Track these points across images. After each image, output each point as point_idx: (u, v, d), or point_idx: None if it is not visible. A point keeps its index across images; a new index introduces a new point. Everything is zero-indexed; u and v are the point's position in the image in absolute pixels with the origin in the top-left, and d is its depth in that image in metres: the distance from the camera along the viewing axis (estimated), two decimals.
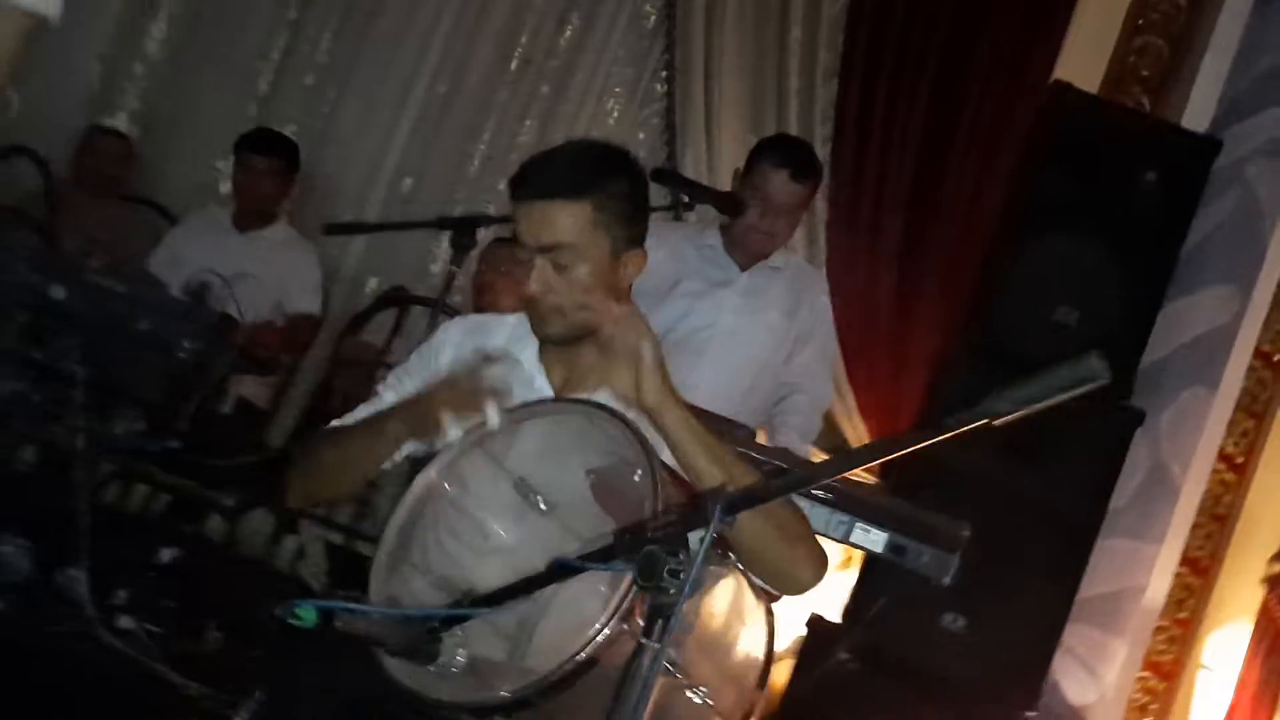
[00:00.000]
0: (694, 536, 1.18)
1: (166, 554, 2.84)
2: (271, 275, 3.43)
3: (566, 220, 1.50)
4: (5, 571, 2.47)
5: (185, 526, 3.03)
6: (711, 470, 1.42)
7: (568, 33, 4.16)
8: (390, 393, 1.64)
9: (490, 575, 1.39)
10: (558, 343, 1.58)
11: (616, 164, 1.60)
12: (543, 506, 1.44)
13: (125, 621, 2.51)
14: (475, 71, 4.12)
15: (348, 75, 4.10)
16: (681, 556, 1.11)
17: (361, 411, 1.64)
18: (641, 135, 4.18)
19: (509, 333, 1.65)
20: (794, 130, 3.98)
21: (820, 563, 1.50)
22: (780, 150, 2.88)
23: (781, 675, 3.05)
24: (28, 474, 2.71)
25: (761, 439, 2.71)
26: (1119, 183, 3.32)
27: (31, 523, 2.56)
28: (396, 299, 3.34)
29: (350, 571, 2.94)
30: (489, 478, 1.46)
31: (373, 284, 4.05)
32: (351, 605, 1.20)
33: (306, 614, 1.09)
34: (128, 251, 3.55)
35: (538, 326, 1.56)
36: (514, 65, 4.15)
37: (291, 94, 4.10)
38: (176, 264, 3.51)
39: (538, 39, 4.14)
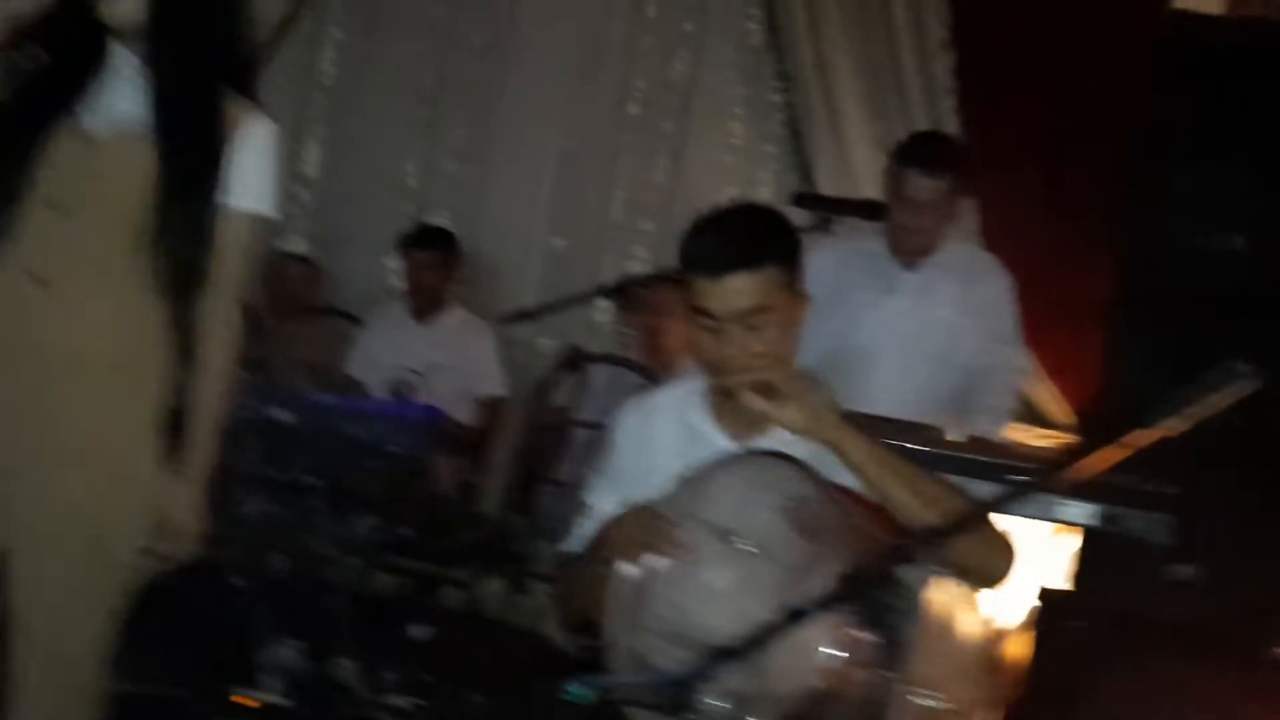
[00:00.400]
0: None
1: (419, 631, 3.11)
2: (456, 360, 3.68)
3: (753, 287, 1.60)
4: (286, 672, 2.76)
5: (430, 602, 3.29)
6: (901, 494, 1.52)
7: (677, 67, 4.31)
8: (596, 501, 1.76)
9: (717, 620, 1.52)
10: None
11: (778, 222, 1.71)
12: (751, 550, 1.57)
13: (397, 700, 2.78)
14: (598, 123, 4.31)
15: (484, 155, 4.34)
16: (900, 589, 1.23)
17: (582, 529, 1.76)
18: (769, 148, 4.29)
19: (676, 403, 1.76)
20: (918, 107, 4.01)
21: (1009, 554, 1.58)
22: (910, 148, 2.93)
23: (1022, 649, 3.09)
24: (288, 581, 3.03)
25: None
26: (1256, 98, 3.23)
27: (299, 623, 2.85)
28: (574, 361, 3.53)
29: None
30: (692, 534, 1.59)
31: (544, 343, 4.29)
32: (620, 680, 1.35)
33: (582, 693, 1.24)
34: (327, 362, 3.89)
35: (727, 383, 1.65)
36: (633, 109, 4.32)
37: (438, 184, 4.38)
38: (370, 363, 3.82)
39: (651, 80, 4.30)
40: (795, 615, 1.28)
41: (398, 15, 4.39)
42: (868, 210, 2.83)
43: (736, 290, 1.60)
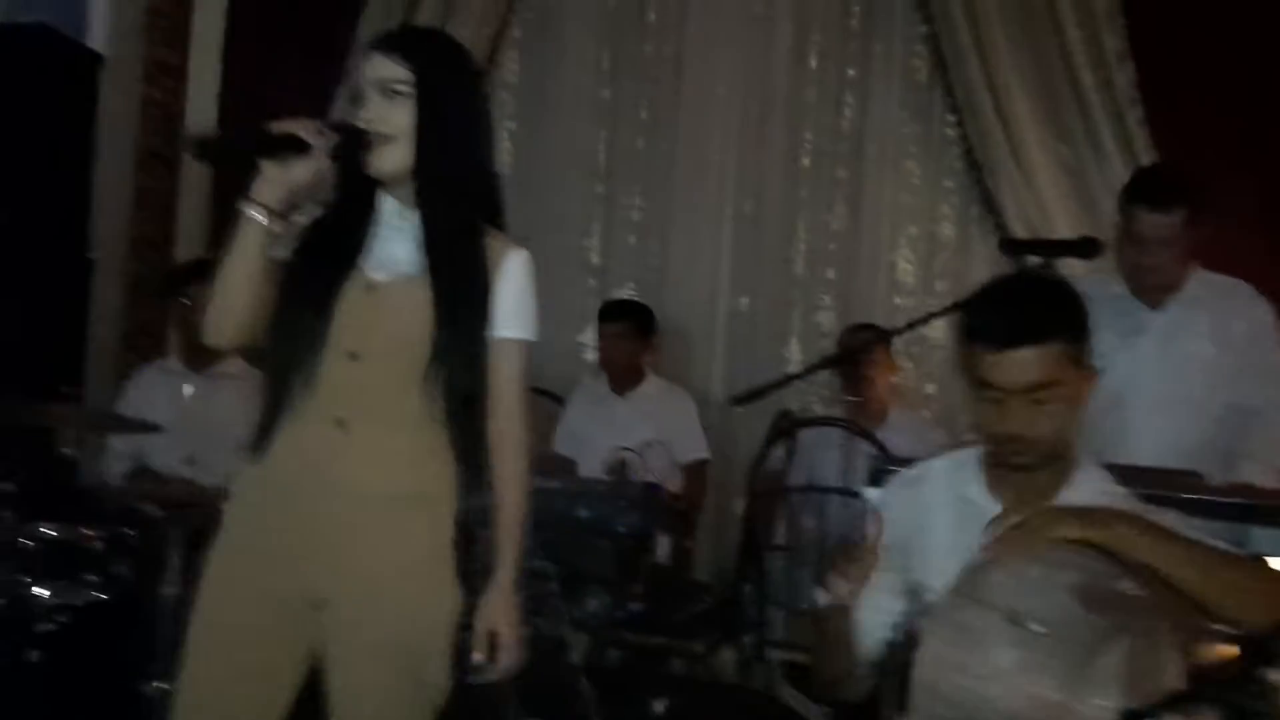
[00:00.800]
0: None
1: (659, 705, 3.13)
2: (661, 430, 3.72)
3: (1040, 362, 1.57)
4: None
5: (665, 674, 3.31)
6: (1183, 572, 1.44)
7: (846, 113, 4.30)
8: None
9: (1006, 698, 1.50)
10: (1028, 471, 1.65)
11: (1066, 295, 1.68)
12: (1039, 629, 1.53)
13: None
14: (772, 179, 4.33)
15: (663, 224, 4.41)
16: (1262, 689, 1.16)
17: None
18: (948, 183, 4.23)
19: (949, 475, 1.74)
20: (1104, 125, 3.90)
21: None
22: (1137, 185, 2.82)
23: None
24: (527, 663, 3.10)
25: None
26: None
27: (540, 703, 2.91)
28: (788, 427, 3.51)
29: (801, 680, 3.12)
30: (979, 618, 1.56)
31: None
32: None
33: None
34: (541, 444, 3.99)
35: (1012, 458, 1.63)
36: (805, 161, 4.32)
37: (620, 257, 4.46)
38: (577, 440, 3.89)
39: (820, 130, 4.30)
40: (1137, 715, 1.23)
41: (565, 99, 4.52)
42: (1083, 249, 2.72)
43: (1022, 364, 1.57)
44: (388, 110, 1.67)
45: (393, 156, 1.68)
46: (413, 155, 1.68)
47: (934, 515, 1.70)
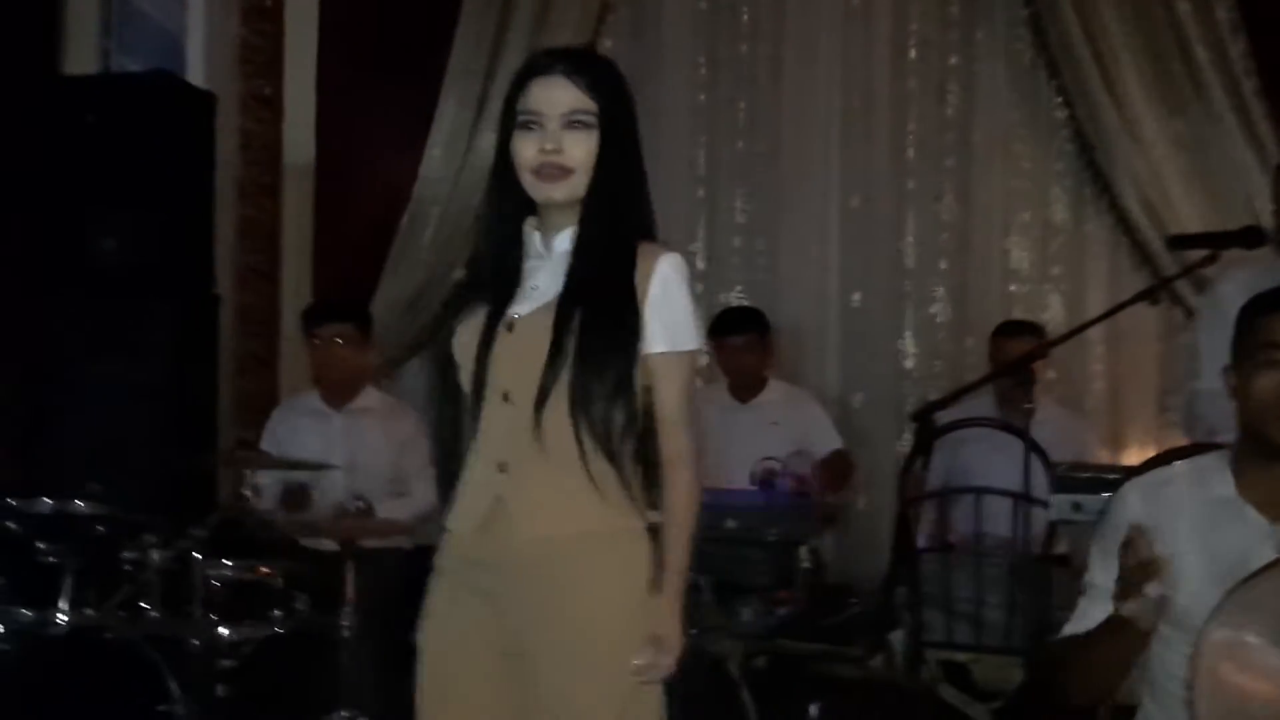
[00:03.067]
0: None
1: (814, 709, 3.15)
2: (791, 432, 3.72)
3: None
4: None
5: (825, 679, 3.31)
6: None
7: (950, 102, 4.26)
8: (1099, 579, 1.71)
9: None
10: None
11: None
12: None
13: None
14: (878, 173, 4.30)
15: (769, 224, 4.40)
16: None
17: (1088, 610, 1.72)
18: (1058, 166, 4.18)
19: (1196, 476, 1.69)
20: (1218, 98, 3.83)
21: None
22: None
23: None
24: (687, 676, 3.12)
25: None
26: None
27: (702, 717, 2.93)
28: (931, 431, 3.46)
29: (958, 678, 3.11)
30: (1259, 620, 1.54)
31: (858, 400, 4.30)
32: None
33: None
34: None
35: None
36: (911, 153, 4.29)
37: (728, 261, 4.46)
38: (708, 451, 3.90)
39: (925, 120, 4.27)
40: None
41: (661, 105, 4.51)
42: (1248, 239, 2.67)
43: None
44: (571, 141, 1.62)
45: (571, 189, 1.63)
46: (585, 186, 1.64)
47: (1178, 519, 1.66)
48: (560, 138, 1.62)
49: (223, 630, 2.57)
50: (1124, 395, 4.07)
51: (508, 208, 1.70)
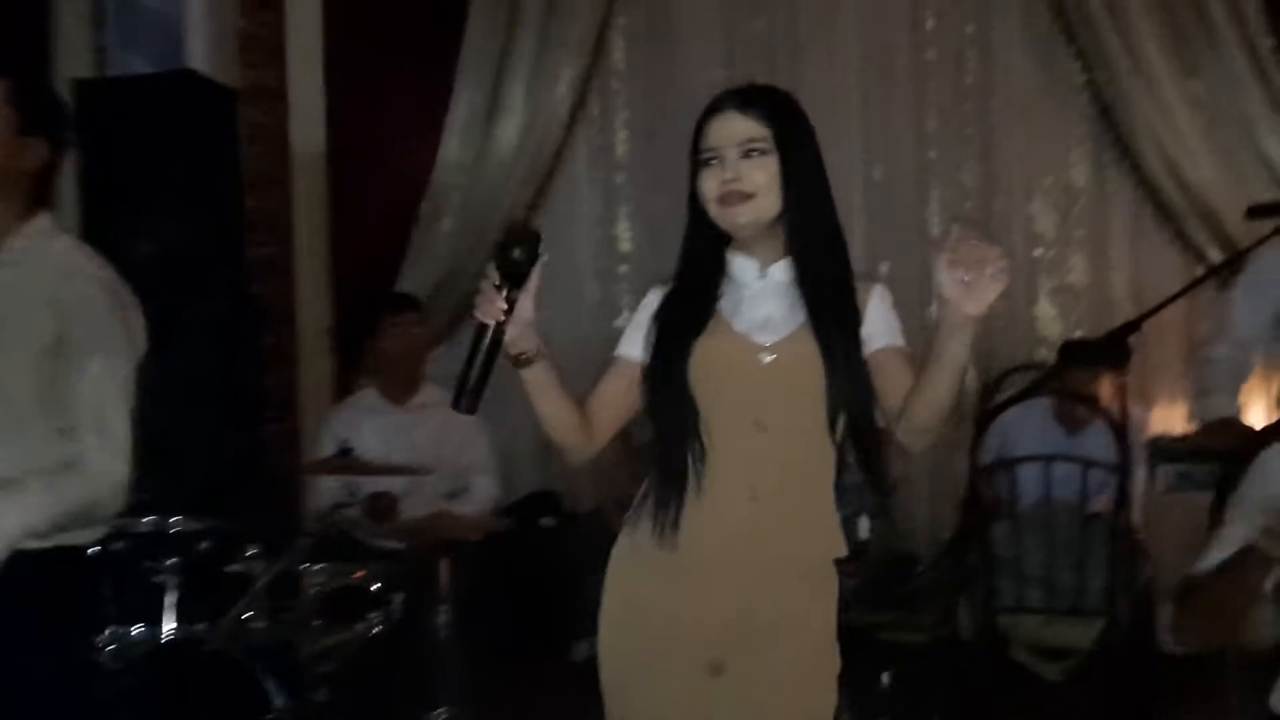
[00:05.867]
0: None
1: (885, 677, 3.22)
2: None
3: None
4: None
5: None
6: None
7: (970, 69, 4.31)
8: (1239, 526, 1.82)
9: None
10: None
11: None
12: None
13: None
14: (901, 144, 4.35)
15: None
16: None
17: (1218, 548, 1.83)
18: (1080, 130, 4.25)
19: None
20: (1236, 58, 3.91)
21: None
22: None
23: None
24: None
25: None
26: None
27: None
28: (997, 408, 3.48)
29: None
30: None
31: None
32: None
33: None
34: None
35: None
36: (932, 123, 4.34)
37: None
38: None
39: (944, 90, 4.31)
40: None
41: (679, 84, 4.52)
42: None
43: None
44: (749, 168, 1.67)
45: (755, 212, 1.68)
46: (776, 209, 1.69)
47: None
48: (738, 167, 1.68)
49: (325, 637, 2.57)
50: (1150, 353, 4.15)
51: (701, 243, 1.75)
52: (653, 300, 1.80)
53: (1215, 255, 3.98)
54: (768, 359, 1.68)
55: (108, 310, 1.85)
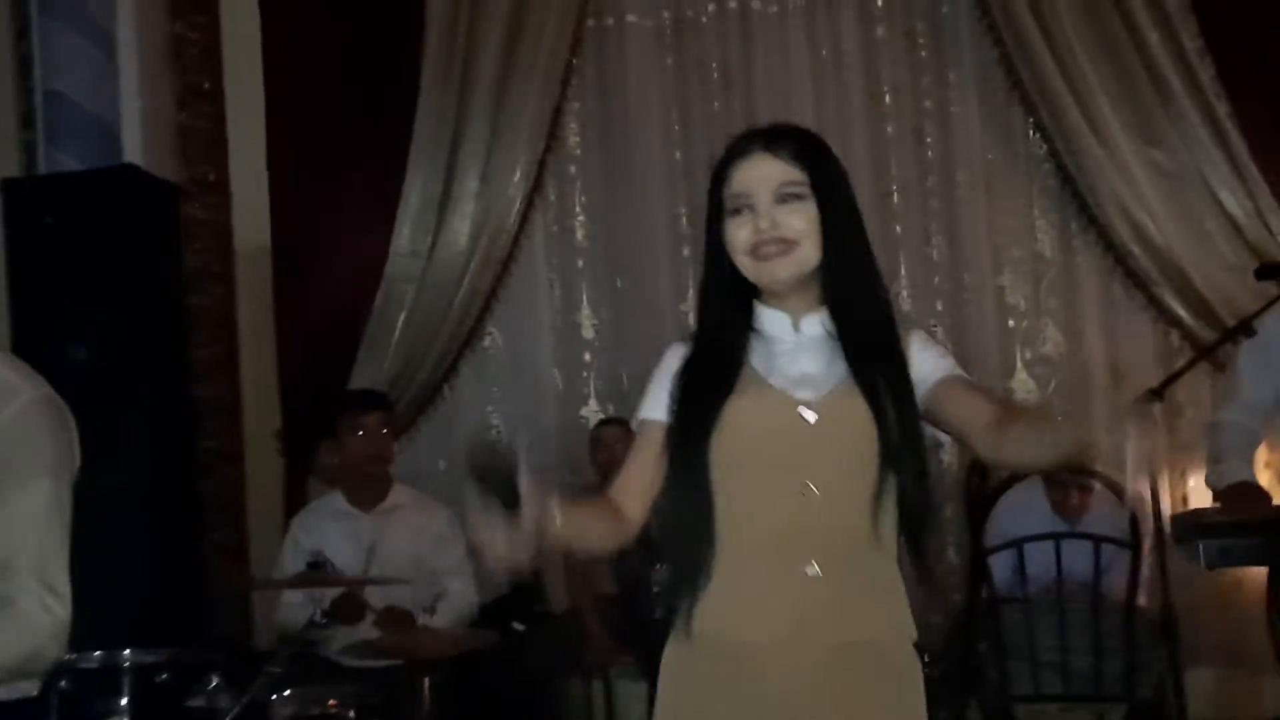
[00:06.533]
0: None
1: None
2: None
3: None
4: None
5: None
6: None
7: (929, 143, 4.28)
8: None
9: None
10: None
11: None
12: None
13: None
14: (865, 218, 4.25)
15: None
16: None
17: None
18: (1043, 202, 4.22)
19: None
20: (1199, 126, 3.91)
21: None
22: None
23: None
24: None
25: None
26: None
27: None
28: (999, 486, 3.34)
29: None
30: None
31: None
32: None
33: None
34: None
35: None
36: (895, 198, 4.28)
37: None
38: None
39: (905, 165, 4.28)
40: None
41: (636, 166, 4.44)
42: None
43: None
44: (786, 215, 1.53)
45: (797, 264, 1.53)
46: (817, 259, 1.54)
47: None
48: (774, 213, 1.53)
49: None
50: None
51: (725, 298, 1.60)
52: (673, 359, 1.63)
53: (1188, 319, 3.94)
54: (811, 418, 1.51)
55: (44, 433, 1.64)
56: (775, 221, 1.52)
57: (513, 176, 4.30)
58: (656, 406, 1.59)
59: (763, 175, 1.54)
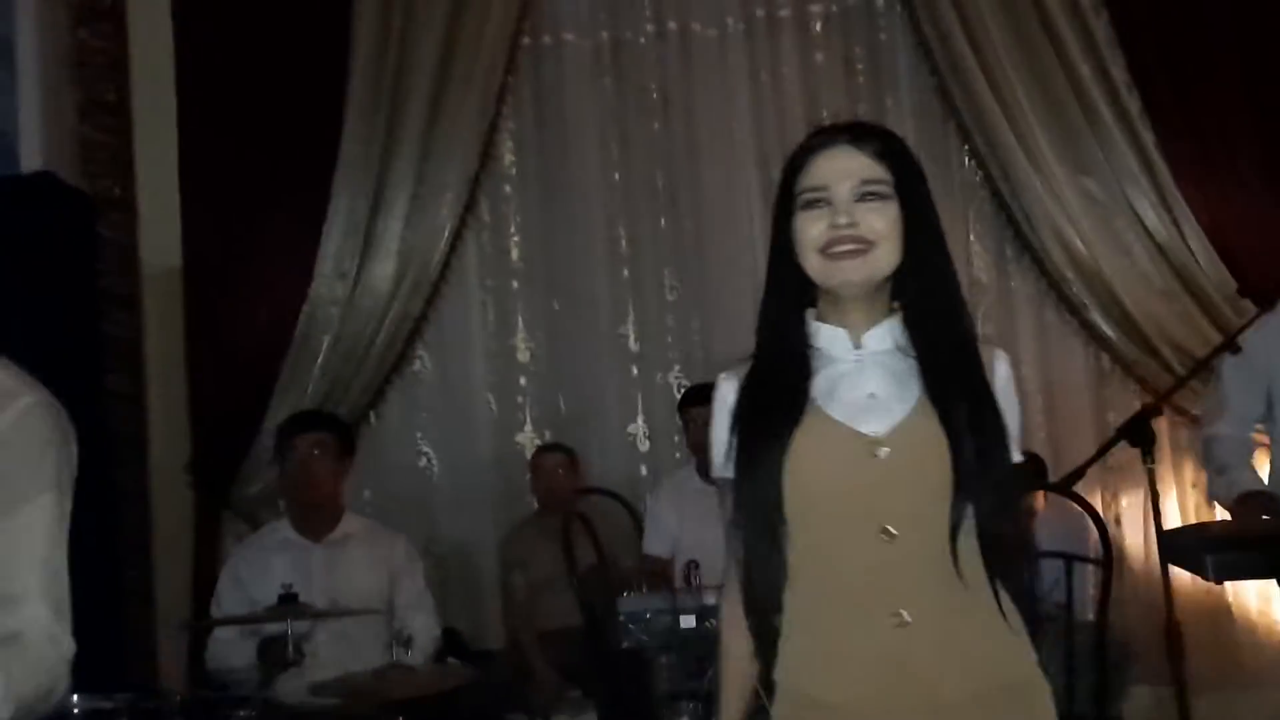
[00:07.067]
0: None
1: None
2: None
3: None
4: None
5: None
6: None
7: None
8: None
9: None
10: None
11: None
12: None
13: None
14: None
15: (700, 300, 4.27)
16: None
17: None
18: (978, 227, 4.27)
19: None
20: (1122, 147, 4.00)
21: None
22: None
23: None
24: None
25: None
26: None
27: None
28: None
29: None
30: None
31: None
32: None
33: None
34: (620, 544, 3.77)
35: None
36: None
37: (660, 341, 4.29)
38: (672, 538, 3.69)
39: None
40: None
41: (573, 186, 4.35)
42: None
43: None
44: (865, 213, 1.41)
45: (872, 267, 1.42)
46: (893, 265, 1.43)
47: None
48: (853, 210, 1.42)
49: None
50: (1062, 442, 4.14)
51: (785, 306, 1.49)
52: (728, 391, 1.52)
53: (1118, 341, 4.02)
54: (884, 453, 1.40)
55: (46, 442, 1.45)
56: (854, 219, 1.41)
57: (445, 195, 4.16)
58: (728, 464, 1.47)
59: (845, 169, 1.43)
